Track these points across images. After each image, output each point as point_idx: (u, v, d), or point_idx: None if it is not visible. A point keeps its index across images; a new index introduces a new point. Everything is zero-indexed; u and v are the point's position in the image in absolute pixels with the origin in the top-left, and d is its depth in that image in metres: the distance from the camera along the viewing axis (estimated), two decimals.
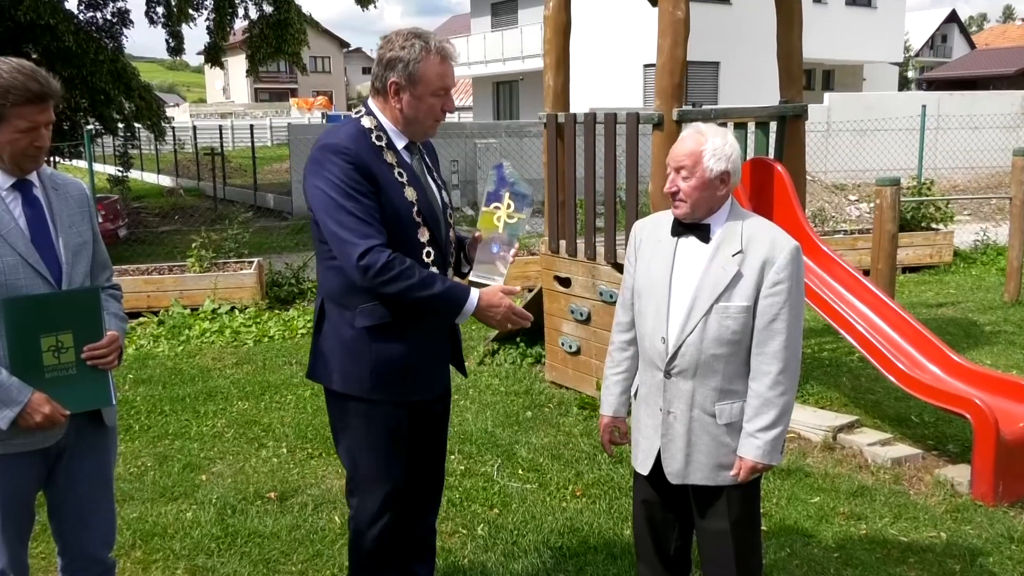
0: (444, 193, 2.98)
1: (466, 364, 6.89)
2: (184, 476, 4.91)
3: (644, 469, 2.88)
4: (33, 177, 2.60)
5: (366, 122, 2.77)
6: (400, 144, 2.79)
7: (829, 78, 32.21)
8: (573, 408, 5.86)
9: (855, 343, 4.92)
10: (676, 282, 2.74)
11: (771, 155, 6.02)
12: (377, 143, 2.74)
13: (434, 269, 2.80)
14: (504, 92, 35.31)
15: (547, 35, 6.20)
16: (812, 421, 5.32)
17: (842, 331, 4.99)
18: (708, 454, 2.74)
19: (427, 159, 2.96)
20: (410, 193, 2.76)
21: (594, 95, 24.23)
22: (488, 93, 36.77)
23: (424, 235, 2.79)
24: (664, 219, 2.85)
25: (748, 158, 5.95)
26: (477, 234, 2.95)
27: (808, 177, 17.33)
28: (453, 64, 2.78)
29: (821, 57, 28.21)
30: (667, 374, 2.76)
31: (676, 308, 2.73)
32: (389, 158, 2.74)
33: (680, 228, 2.77)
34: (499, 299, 2.78)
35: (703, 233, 2.72)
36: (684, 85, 5.37)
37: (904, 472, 4.80)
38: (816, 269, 5.39)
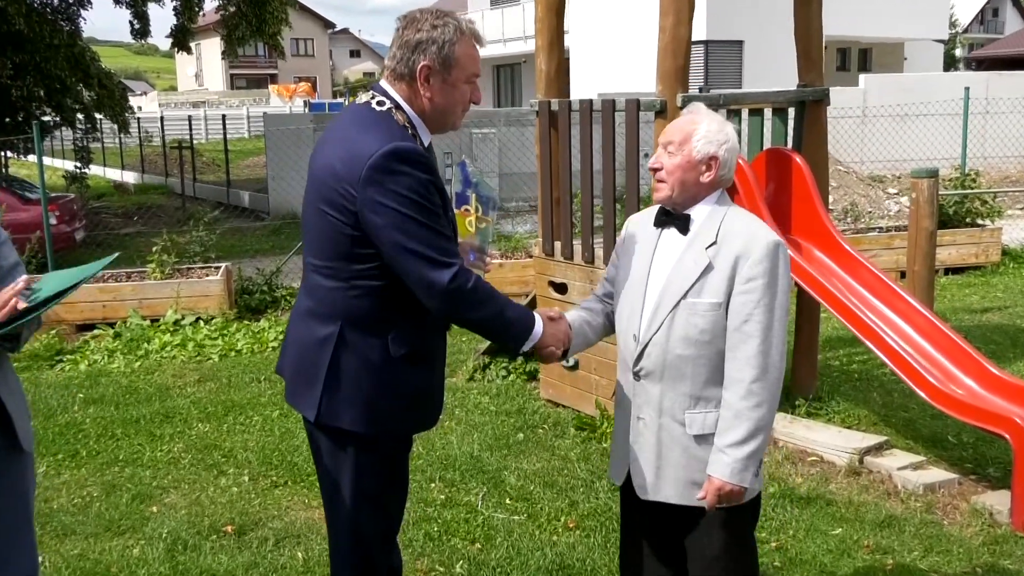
0: None
1: (455, 380, 6.95)
2: (133, 507, 4.89)
3: (617, 478, 2.92)
4: None
5: (399, 116, 2.66)
6: (427, 141, 2.74)
7: (866, 58, 32.14)
8: (570, 429, 5.82)
9: (881, 354, 4.89)
10: (653, 277, 2.77)
11: (790, 145, 5.98)
12: (418, 143, 2.66)
13: None
14: (505, 76, 35.38)
15: (539, 13, 6.18)
16: (836, 442, 5.28)
17: (866, 341, 4.95)
18: (680, 468, 2.73)
19: None
20: (448, 203, 2.75)
21: (612, 79, 24.19)
22: (487, 77, 36.76)
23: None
24: (653, 213, 2.90)
25: (765, 148, 5.92)
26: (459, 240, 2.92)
27: (841, 168, 17.30)
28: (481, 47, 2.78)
29: (857, 34, 28.15)
30: (636, 376, 2.78)
31: (649, 304, 2.76)
32: (431, 162, 2.67)
33: (663, 218, 2.81)
34: (559, 315, 2.82)
35: (683, 224, 2.75)
36: (688, 68, 5.34)
37: (937, 499, 4.75)
38: (839, 272, 5.35)
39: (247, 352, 8.15)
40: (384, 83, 2.74)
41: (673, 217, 2.77)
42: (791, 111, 6.04)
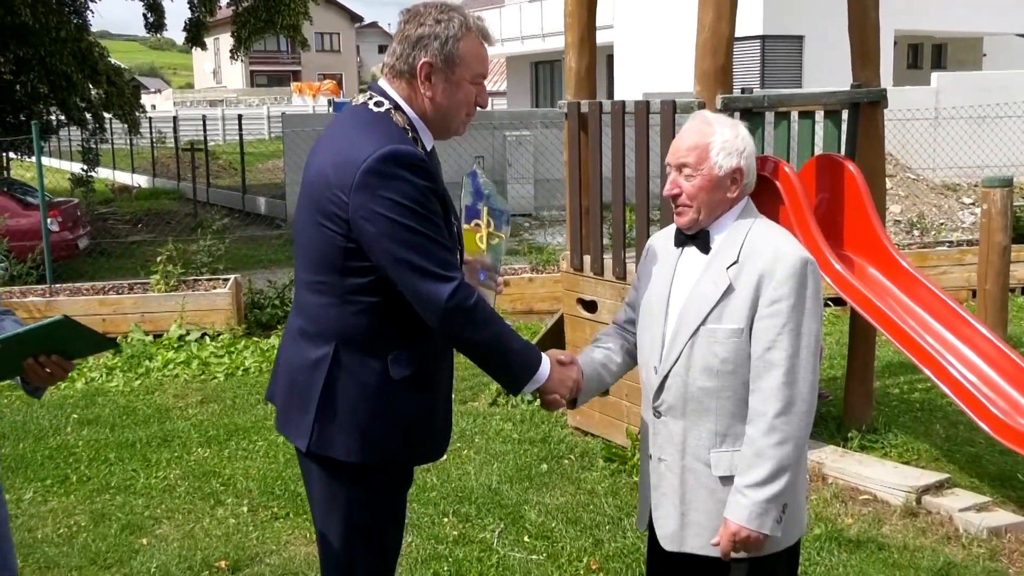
0: None
1: (476, 405, 6.94)
2: (121, 539, 4.93)
3: (641, 525, 2.90)
4: None
5: (398, 118, 2.67)
6: (429, 145, 2.74)
7: (940, 54, 31.80)
8: (598, 460, 5.79)
9: (939, 382, 4.79)
10: (673, 301, 2.74)
11: (843, 151, 5.91)
12: (419, 148, 2.66)
13: None
14: (544, 74, 35.46)
15: (568, 7, 6.17)
16: (892, 479, 5.20)
17: (924, 367, 4.86)
18: (707, 514, 2.68)
19: None
20: (452, 212, 2.75)
21: (659, 79, 24.14)
22: (525, 75, 36.86)
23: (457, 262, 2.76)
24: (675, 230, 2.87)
25: (815, 154, 5.86)
26: (467, 258, 2.88)
27: (911, 175, 17.12)
28: (489, 47, 2.77)
29: (930, 28, 27.85)
30: (656, 412, 2.74)
31: (668, 332, 2.72)
32: (433, 167, 2.68)
33: (682, 237, 2.78)
34: (571, 359, 2.81)
35: (703, 242, 2.71)
36: (730, 67, 5.29)
37: (1003, 545, 4.65)
38: (895, 291, 5.27)
39: (255, 371, 8.20)
40: (383, 82, 2.75)
41: (692, 235, 2.74)
42: (845, 114, 5.98)
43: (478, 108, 2.79)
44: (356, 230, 2.56)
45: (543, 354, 2.75)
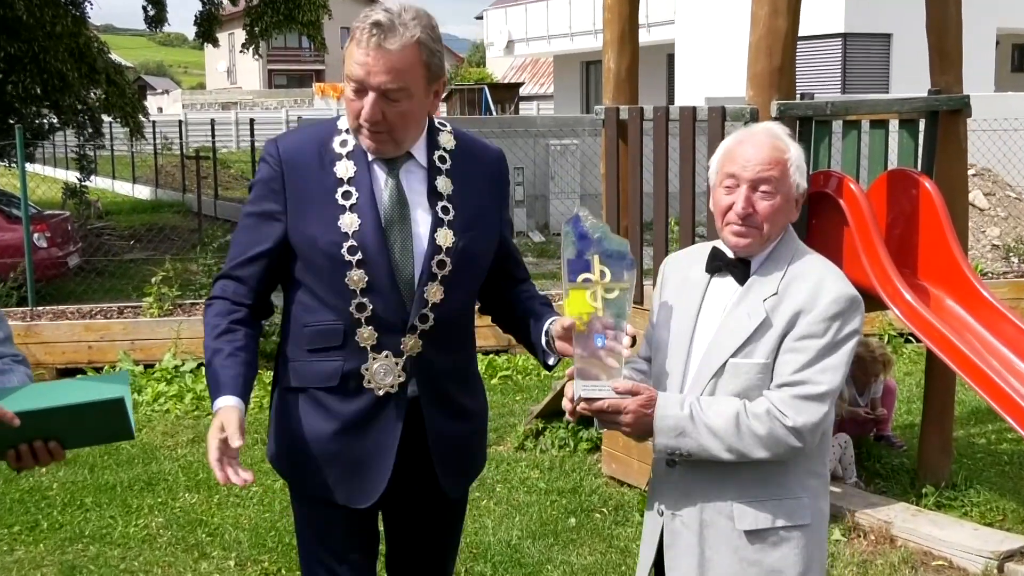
0: (447, 232, 2.82)
1: (501, 449, 6.93)
2: None
3: None
4: None
5: (343, 122, 2.87)
6: (372, 154, 2.81)
7: None
8: (634, 515, 5.75)
9: (1023, 432, 4.72)
10: (699, 336, 2.73)
11: (919, 166, 5.86)
12: (339, 149, 2.83)
13: (368, 328, 2.78)
14: (596, 74, 35.51)
15: (607, 1, 6.19)
16: (971, 543, 5.11)
17: (1006, 415, 4.77)
18: None
19: (436, 183, 2.83)
20: (348, 221, 2.74)
21: (724, 82, 24.07)
22: (575, 76, 37.02)
23: (358, 280, 2.74)
24: (700, 253, 2.86)
25: (889, 168, 5.81)
26: (568, 323, 2.67)
27: (1011, 194, 16.92)
28: (369, 48, 2.64)
29: None
30: (670, 461, 2.73)
31: (691, 370, 2.73)
32: (343, 171, 2.80)
33: (718, 263, 2.76)
34: (216, 431, 2.61)
35: (742, 272, 2.70)
36: (790, 69, 5.27)
37: None
38: (976, 327, 5.19)
39: (255, 407, 8.22)
40: None
41: (729, 263, 2.73)
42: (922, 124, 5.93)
43: (370, 125, 2.70)
44: None
45: (223, 400, 2.68)
